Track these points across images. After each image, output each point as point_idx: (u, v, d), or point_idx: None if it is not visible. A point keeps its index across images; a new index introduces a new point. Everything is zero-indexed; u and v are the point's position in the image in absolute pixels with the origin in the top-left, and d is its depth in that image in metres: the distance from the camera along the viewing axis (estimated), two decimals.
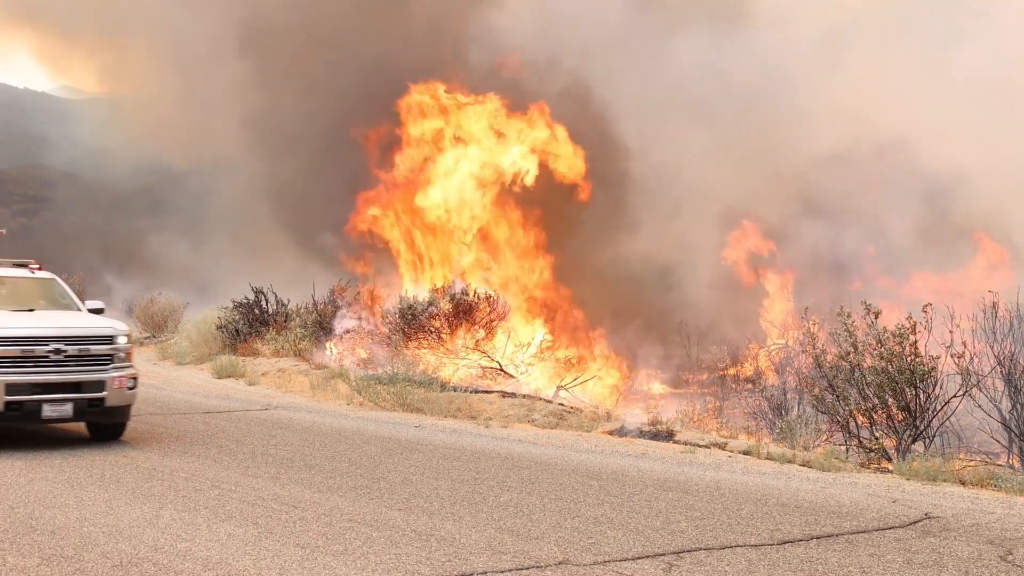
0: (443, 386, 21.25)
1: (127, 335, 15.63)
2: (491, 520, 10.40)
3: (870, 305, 15.02)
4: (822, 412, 15.57)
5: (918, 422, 14.48)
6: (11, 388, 14.31)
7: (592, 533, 9.91)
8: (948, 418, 14.70)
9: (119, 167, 56.60)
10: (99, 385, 14.92)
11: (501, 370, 24.94)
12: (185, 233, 51.12)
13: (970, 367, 14.21)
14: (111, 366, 15.09)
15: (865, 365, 14.78)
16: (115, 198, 56.02)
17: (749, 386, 22.85)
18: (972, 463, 13.77)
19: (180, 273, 45.31)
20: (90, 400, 14.83)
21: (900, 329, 14.49)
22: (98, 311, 16.57)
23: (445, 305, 25.99)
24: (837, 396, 15.08)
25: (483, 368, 24.84)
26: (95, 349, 14.99)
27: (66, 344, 14.71)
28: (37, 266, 17.35)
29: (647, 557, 9.06)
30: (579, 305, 31.81)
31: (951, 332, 14.47)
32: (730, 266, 33.56)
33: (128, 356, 15.50)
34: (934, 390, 14.48)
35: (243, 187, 47.91)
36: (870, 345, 14.85)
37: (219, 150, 49.50)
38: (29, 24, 69.80)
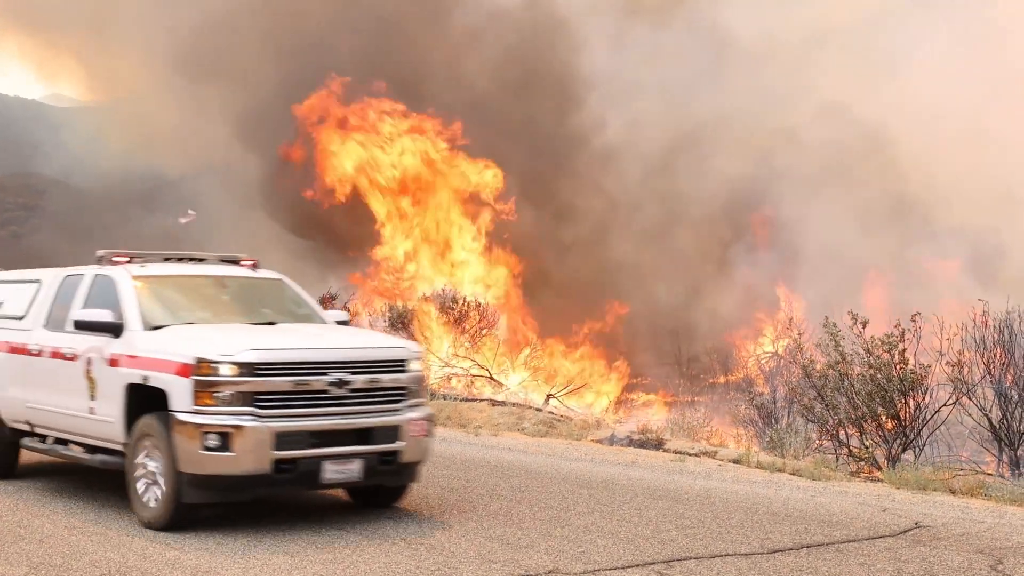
0: (432, 394, 21.23)
1: (420, 358, 11.31)
2: (481, 529, 10.39)
3: (856, 315, 15.03)
4: (811, 421, 15.58)
5: (908, 431, 14.49)
6: (283, 439, 10.00)
7: (582, 542, 9.90)
8: (938, 427, 14.71)
9: (111, 174, 56.49)
10: (393, 432, 10.66)
11: (491, 377, 24.95)
12: (179, 239, 51.04)
13: (959, 376, 14.23)
14: (405, 403, 10.84)
15: (853, 374, 14.78)
16: (107, 205, 55.89)
17: (739, 395, 22.85)
18: (962, 472, 13.78)
19: None
20: (382, 455, 10.61)
21: (889, 338, 14.50)
22: (343, 324, 12.51)
23: (434, 317, 26.07)
24: (826, 405, 15.09)
25: (472, 376, 24.86)
26: (387, 379, 10.72)
27: (351, 372, 10.43)
28: (253, 262, 12.89)
29: (637, 566, 9.05)
30: (566, 313, 31.91)
31: (943, 341, 14.49)
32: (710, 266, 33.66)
33: (422, 388, 11.24)
34: (924, 399, 14.49)
35: (236, 190, 47.93)
36: (858, 354, 14.85)
37: (211, 154, 49.49)
38: (19, 32, 69.71)
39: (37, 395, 12.20)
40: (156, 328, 10.82)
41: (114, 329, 11.00)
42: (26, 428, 12.53)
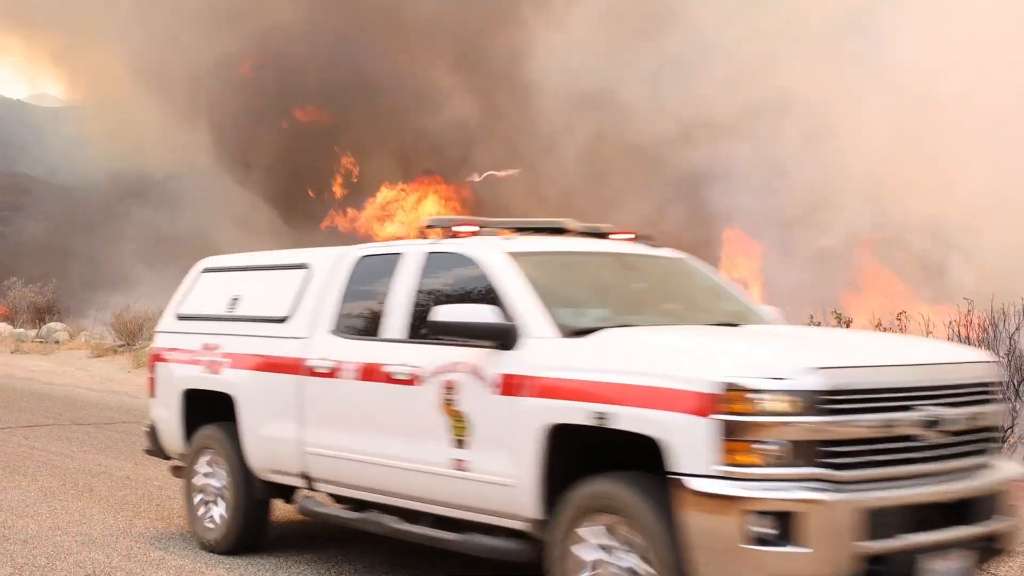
0: None
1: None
2: None
3: (840, 314, 15.11)
4: None
5: None
6: (876, 521, 5.93)
7: None
8: None
9: (96, 172, 56.37)
10: (990, 503, 6.50)
11: None
12: (165, 239, 50.89)
13: None
14: (999, 451, 6.99)
15: None
16: (93, 205, 55.77)
17: None
18: None
19: (163, 279, 45.05)
20: (983, 540, 6.42)
21: None
22: None
23: None
24: None
25: None
26: (983, 415, 6.60)
27: (947, 404, 6.31)
28: (632, 235, 8.81)
29: None
30: None
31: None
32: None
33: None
34: None
35: (223, 190, 47.97)
36: None
37: (196, 152, 49.50)
38: (2, 31, 69.55)
39: (328, 436, 8.40)
40: (577, 334, 6.93)
41: (503, 335, 7.10)
42: (298, 483, 8.88)
